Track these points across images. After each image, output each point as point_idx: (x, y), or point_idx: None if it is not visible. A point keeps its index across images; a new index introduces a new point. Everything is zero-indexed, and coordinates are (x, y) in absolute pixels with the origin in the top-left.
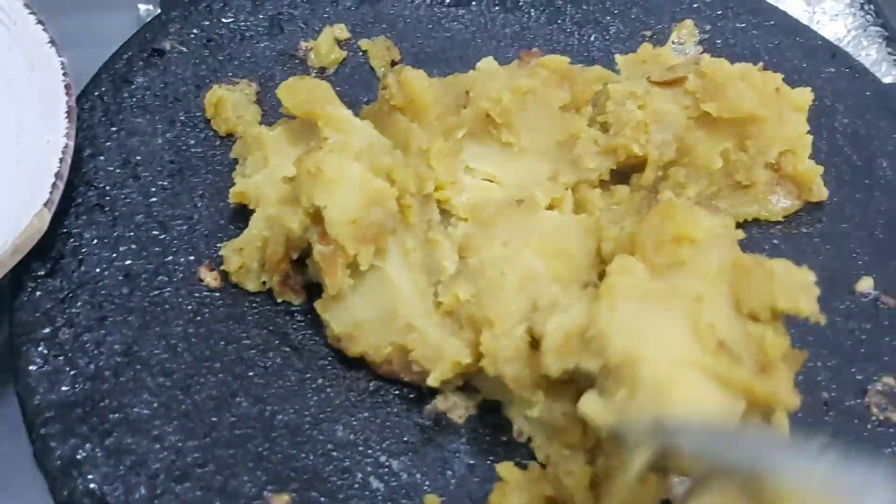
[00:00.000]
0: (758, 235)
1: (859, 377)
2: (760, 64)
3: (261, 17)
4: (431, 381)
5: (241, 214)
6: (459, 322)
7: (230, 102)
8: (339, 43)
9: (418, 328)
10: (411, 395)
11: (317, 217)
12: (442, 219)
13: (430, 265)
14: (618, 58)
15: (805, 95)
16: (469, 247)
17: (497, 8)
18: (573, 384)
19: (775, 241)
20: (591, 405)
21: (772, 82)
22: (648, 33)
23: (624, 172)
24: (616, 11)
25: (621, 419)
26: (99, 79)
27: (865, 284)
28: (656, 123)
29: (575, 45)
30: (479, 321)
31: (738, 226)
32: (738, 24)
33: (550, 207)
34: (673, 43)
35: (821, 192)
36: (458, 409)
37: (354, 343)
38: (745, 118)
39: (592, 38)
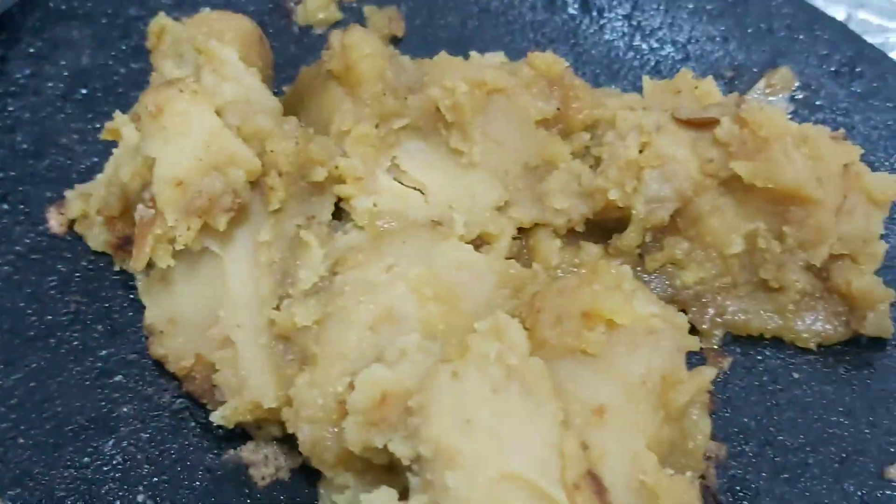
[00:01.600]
0: (772, 360)
1: None
2: (841, 131)
3: None
4: (217, 416)
5: None
6: (293, 352)
7: (172, 37)
8: (342, 4)
9: (235, 345)
10: (219, 431)
11: (152, 171)
12: (335, 221)
13: (286, 271)
14: (645, 80)
15: (888, 183)
16: (346, 262)
17: (541, 2)
18: (397, 472)
19: (795, 375)
20: None
21: (843, 156)
22: (729, 73)
23: (606, 229)
24: (699, 36)
25: None
26: None
27: None
28: (656, 169)
29: (627, 62)
30: (308, 357)
31: (745, 338)
32: (853, 88)
33: (477, 244)
34: (756, 93)
35: (881, 326)
36: (265, 466)
37: (160, 341)
38: (787, 194)
39: (647, 58)
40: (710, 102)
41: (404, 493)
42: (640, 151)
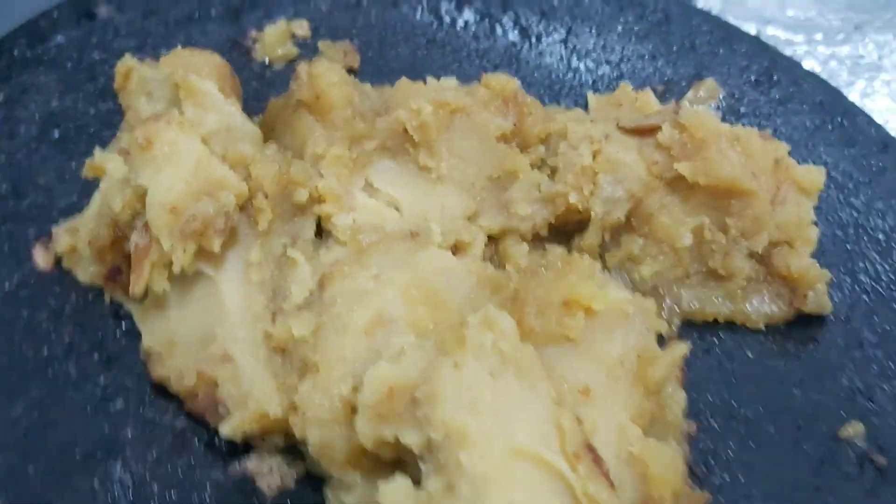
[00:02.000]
0: (727, 341)
1: None
2: (766, 131)
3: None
4: (226, 429)
5: None
6: (292, 363)
7: (139, 77)
8: (296, 40)
9: (235, 360)
10: (223, 447)
11: (144, 201)
12: (318, 239)
13: (277, 288)
14: (590, 95)
15: (815, 175)
16: (333, 276)
17: (489, 27)
18: (402, 468)
19: (749, 355)
20: (394, 495)
21: (773, 151)
22: (660, 88)
23: (567, 232)
24: (630, 55)
25: None
26: (16, 30)
27: (853, 431)
28: (609, 174)
29: (567, 82)
30: (308, 365)
31: (700, 324)
32: (773, 95)
33: (452, 252)
34: (686, 103)
35: (821, 304)
36: (271, 476)
37: (160, 363)
38: (727, 188)
39: (585, 78)
40: (650, 112)
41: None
42: (593, 158)
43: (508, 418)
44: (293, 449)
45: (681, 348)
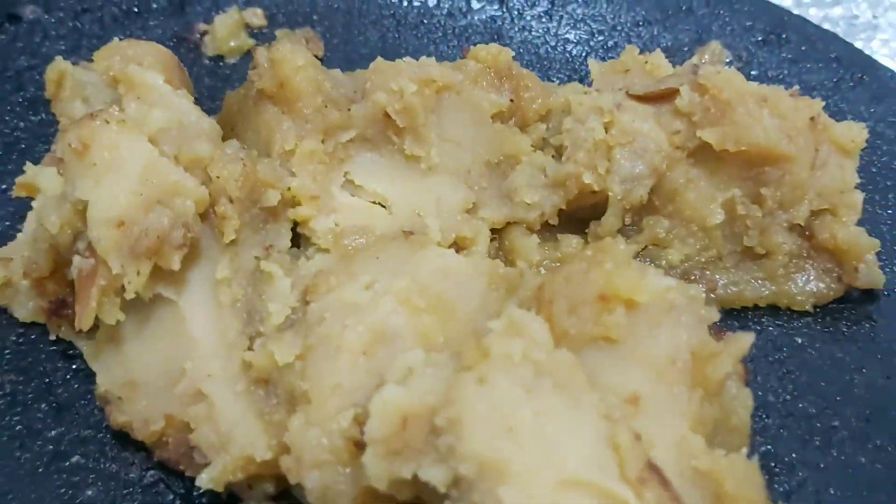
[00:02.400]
0: (771, 328)
1: None
2: (795, 88)
3: None
4: (204, 480)
5: None
6: (276, 395)
7: (73, 82)
8: (251, 30)
9: (209, 398)
10: (202, 500)
11: (84, 217)
12: (296, 249)
13: (252, 308)
14: (591, 63)
15: (855, 132)
16: (318, 288)
17: (464, 2)
18: None
19: (798, 340)
20: None
21: (806, 110)
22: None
23: (581, 219)
24: (624, 22)
25: None
26: None
27: None
28: (625, 147)
29: (557, 57)
30: (297, 397)
31: (739, 311)
32: (784, 54)
33: (455, 249)
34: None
35: (873, 277)
36: None
37: (120, 409)
38: (760, 155)
39: (577, 51)
40: (664, 75)
41: None
42: (606, 131)
43: (554, 442)
44: (286, 495)
45: (744, 339)
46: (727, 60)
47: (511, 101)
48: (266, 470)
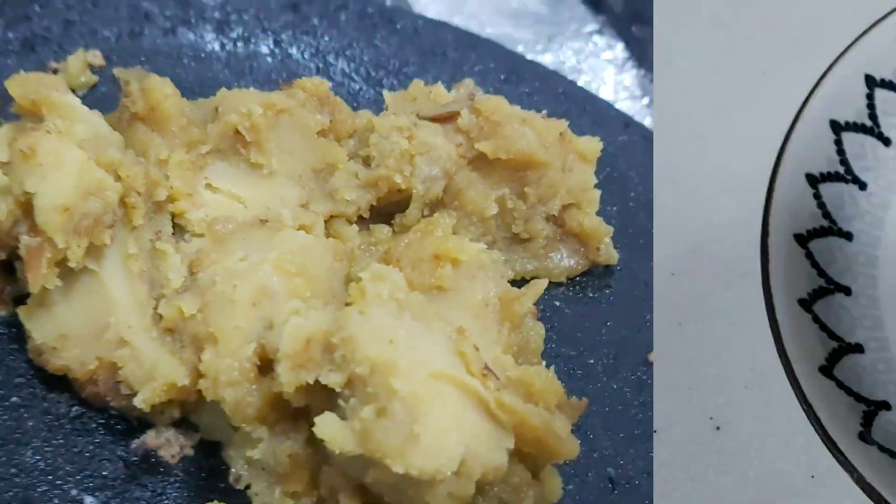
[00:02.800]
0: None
1: (650, 454)
2: (544, 112)
3: (12, 35)
4: (139, 401)
5: None
6: (181, 340)
7: None
8: (93, 69)
9: (131, 343)
10: (119, 427)
11: (28, 207)
12: (175, 233)
13: (154, 277)
14: (385, 94)
15: (593, 145)
16: (201, 262)
17: (263, 47)
18: (304, 419)
19: (557, 304)
20: (329, 428)
21: (556, 127)
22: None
23: (387, 213)
24: (391, 67)
25: (366, 443)
26: None
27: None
28: (424, 155)
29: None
30: (202, 339)
31: (512, 282)
32: (522, 89)
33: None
34: None
35: (610, 255)
36: (171, 447)
37: (57, 356)
38: (523, 162)
39: (361, 88)
40: (446, 101)
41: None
42: (409, 143)
43: (422, 349)
44: (186, 420)
45: (539, 285)
46: (479, 93)
47: (330, 121)
48: (182, 395)
